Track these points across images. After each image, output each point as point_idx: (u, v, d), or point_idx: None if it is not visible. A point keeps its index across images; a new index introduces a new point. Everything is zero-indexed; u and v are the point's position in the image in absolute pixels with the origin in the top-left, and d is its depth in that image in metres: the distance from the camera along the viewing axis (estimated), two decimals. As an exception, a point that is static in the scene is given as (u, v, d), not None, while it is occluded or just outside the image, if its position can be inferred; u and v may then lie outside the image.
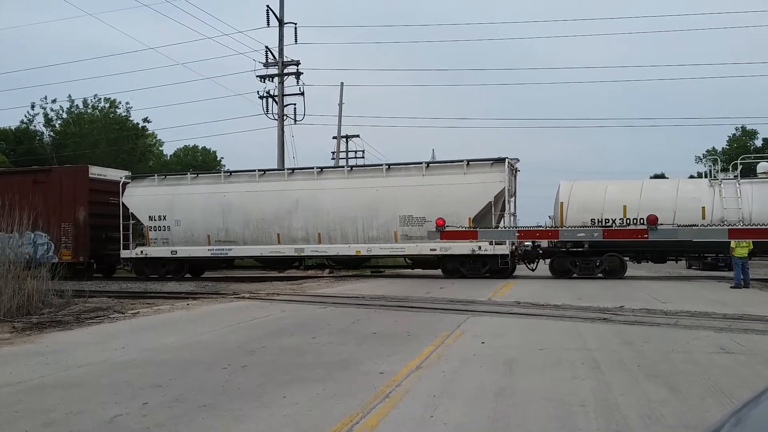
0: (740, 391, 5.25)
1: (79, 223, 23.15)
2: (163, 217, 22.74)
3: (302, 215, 21.31)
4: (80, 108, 46.42)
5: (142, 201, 23.10)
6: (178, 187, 23.13)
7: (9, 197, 23.75)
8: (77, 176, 23.74)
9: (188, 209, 22.45)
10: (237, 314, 11.39)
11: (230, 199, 22.02)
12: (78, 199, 23.29)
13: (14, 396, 5.55)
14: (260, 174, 22.34)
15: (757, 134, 52.04)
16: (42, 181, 23.62)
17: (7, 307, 11.16)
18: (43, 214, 22.96)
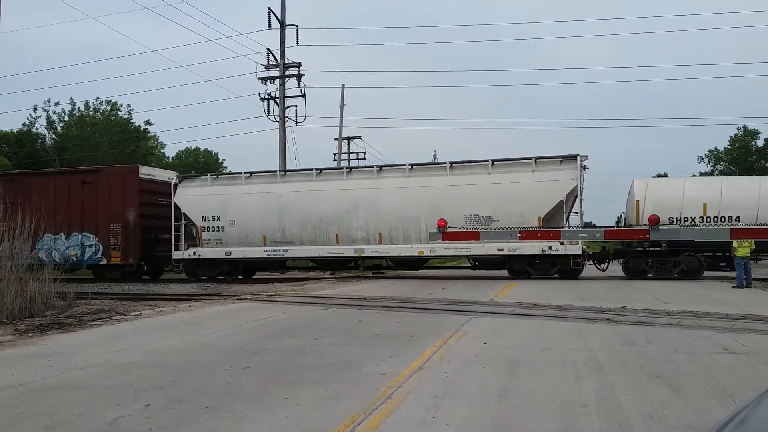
0: (743, 391, 5.24)
1: (129, 224, 22.71)
2: (216, 218, 22.23)
3: (362, 215, 20.77)
4: (82, 110, 46.54)
5: (195, 201, 22.58)
6: (231, 186, 22.59)
7: (56, 198, 23.59)
8: (127, 176, 23.38)
9: (243, 209, 21.92)
10: (239, 316, 11.40)
11: (287, 199, 21.53)
12: (128, 200, 22.85)
13: (17, 398, 5.56)
14: (317, 173, 21.87)
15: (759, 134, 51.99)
16: (90, 182, 23.32)
17: (10, 309, 11.17)
18: (91, 215, 22.98)
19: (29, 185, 23.90)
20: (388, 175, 21.21)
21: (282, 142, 30.51)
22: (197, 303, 14.18)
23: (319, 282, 20.17)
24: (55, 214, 23.15)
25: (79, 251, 23.19)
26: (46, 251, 23.25)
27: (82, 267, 23.87)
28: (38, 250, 23.27)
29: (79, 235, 23.27)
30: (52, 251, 23.30)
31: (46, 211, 23.31)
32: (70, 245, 23.30)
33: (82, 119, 46.10)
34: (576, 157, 19.36)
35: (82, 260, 23.27)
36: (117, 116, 46.70)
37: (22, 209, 23.66)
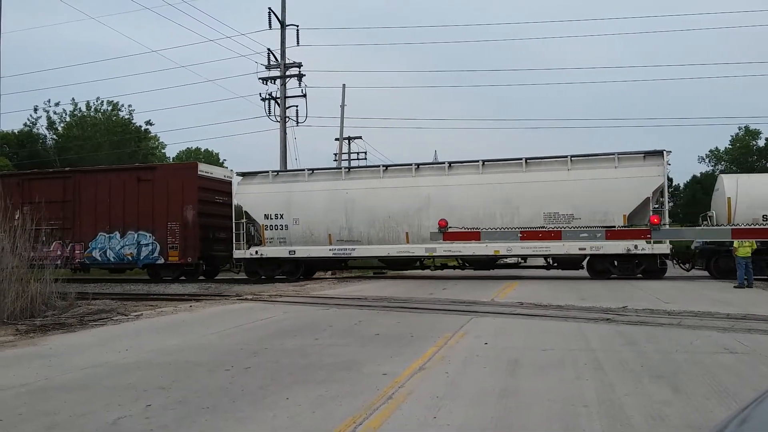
0: (744, 391, 5.24)
1: (187, 223, 22.20)
2: (280, 216, 21.76)
3: (433, 212, 19.98)
4: (83, 111, 46.57)
5: (257, 199, 22.14)
6: (294, 184, 22.04)
7: (110, 196, 23.20)
8: (185, 174, 23.00)
9: (308, 207, 21.49)
10: (240, 316, 11.40)
11: (353, 197, 21.03)
12: (186, 198, 22.32)
13: (18, 398, 5.57)
14: (384, 170, 21.40)
15: (760, 134, 51.98)
16: (147, 179, 22.88)
17: (11, 310, 11.18)
18: (147, 213, 22.50)
19: (82, 183, 23.58)
20: (459, 171, 20.57)
21: (283, 142, 30.51)
22: (198, 303, 14.19)
23: (320, 282, 20.18)
24: (109, 212, 22.99)
25: (134, 250, 22.77)
26: (100, 250, 23.05)
27: (137, 266, 23.55)
28: (91, 250, 23.11)
29: (135, 233, 22.80)
30: (107, 250, 23.08)
31: (100, 209, 23.14)
32: (125, 244, 22.93)
33: (83, 119, 46.15)
34: (662, 153, 18.78)
35: (137, 259, 22.85)
36: (118, 116, 46.75)
37: (74, 207, 23.32)
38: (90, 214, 23.28)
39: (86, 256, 23.28)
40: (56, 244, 23.29)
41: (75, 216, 23.42)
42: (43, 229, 23.60)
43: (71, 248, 23.35)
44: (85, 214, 23.35)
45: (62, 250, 23.18)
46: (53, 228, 23.09)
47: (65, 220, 23.36)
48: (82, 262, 23.60)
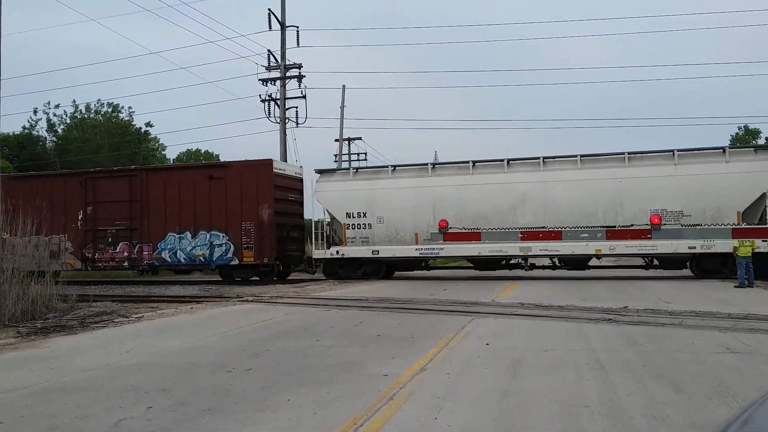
0: (746, 391, 5.23)
1: (263, 222, 21.29)
2: (363, 214, 20.90)
3: (529, 210, 19.43)
4: (83, 113, 46.57)
5: (338, 197, 21.35)
6: (377, 181, 21.21)
7: (180, 194, 22.38)
8: (260, 171, 21.77)
9: (392, 205, 20.62)
10: (241, 317, 11.40)
11: (442, 193, 20.21)
12: (261, 196, 21.37)
13: (19, 401, 5.56)
14: (473, 165, 20.45)
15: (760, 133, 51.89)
16: (219, 177, 21.93)
17: (12, 312, 11.18)
18: (220, 212, 21.72)
19: (150, 181, 22.86)
20: (557, 167, 19.83)
21: (283, 143, 30.50)
22: (199, 305, 14.19)
23: (320, 283, 20.17)
24: (179, 211, 22.19)
25: (207, 251, 21.89)
26: (170, 251, 22.37)
27: (210, 268, 22.82)
28: (161, 251, 22.35)
29: (207, 233, 21.94)
30: (177, 251, 22.36)
31: (169, 209, 22.32)
32: (197, 245, 22.09)
33: (83, 121, 46.12)
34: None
35: (210, 260, 22.06)
36: (118, 118, 46.72)
37: (141, 207, 22.69)
38: (158, 213, 22.45)
39: (155, 257, 22.55)
40: (123, 245, 22.86)
41: (142, 216, 22.69)
42: (109, 230, 23.06)
43: (139, 249, 22.72)
44: (153, 213, 22.54)
45: (129, 252, 22.77)
46: (119, 229, 22.81)
47: (132, 221, 22.75)
48: (151, 264, 22.95)
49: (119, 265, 23.48)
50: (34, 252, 23.49)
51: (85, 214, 23.25)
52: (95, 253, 23.20)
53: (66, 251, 23.46)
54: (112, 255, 23.07)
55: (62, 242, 23.47)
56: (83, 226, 23.30)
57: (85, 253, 23.30)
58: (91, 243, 23.22)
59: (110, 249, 23.06)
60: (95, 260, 23.29)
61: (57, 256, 23.48)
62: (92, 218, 23.22)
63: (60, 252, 23.47)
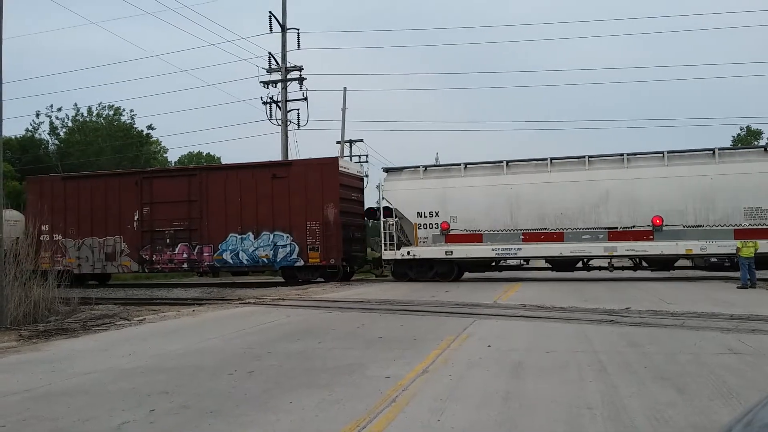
0: (748, 392, 5.22)
1: (328, 222, 20.80)
2: (435, 214, 20.31)
3: (613, 208, 18.83)
4: (85, 116, 46.66)
5: (408, 196, 20.66)
6: (449, 179, 20.52)
7: (241, 194, 21.86)
8: (325, 169, 21.28)
9: (466, 204, 19.97)
10: (242, 320, 11.40)
11: (519, 192, 19.64)
12: (327, 195, 20.89)
13: (22, 404, 5.57)
14: (550, 163, 19.82)
15: (761, 134, 51.81)
16: (282, 176, 21.44)
17: (14, 315, 11.19)
18: (283, 212, 21.23)
19: (210, 181, 22.38)
20: (641, 163, 19.19)
21: (284, 145, 30.53)
22: (201, 307, 14.20)
23: (322, 285, 20.16)
24: (240, 211, 21.69)
25: (270, 252, 21.36)
26: (231, 252, 21.88)
27: (274, 268, 22.39)
28: (221, 252, 21.87)
29: (270, 234, 21.42)
30: (239, 252, 21.86)
31: (231, 209, 21.79)
32: (259, 245, 21.58)
33: (85, 124, 46.21)
34: None
35: (274, 261, 21.57)
36: (120, 121, 46.80)
37: (201, 207, 22.21)
38: (219, 213, 21.98)
39: (216, 258, 22.08)
40: (182, 247, 22.42)
41: (202, 216, 22.22)
42: (167, 231, 22.51)
43: (199, 251, 22.26)
44: (214, 214, 22.06)
45: (189, 253, 22.33)
46: (177, 229, 22.38)
47: (191, 221, 22.31)
48: (212, 265, 22.48)
49: (178, 267, 22.93)
50: (89, 254, 23.51)
51: (142, 214, 22.80)
52: (153, 255, 22.71)
53: (122, 253, 23.07)
54: (171, 256, 22.53)
55: (118, 244, 23.10)
56: (140, 226, 22.83)
57: (142, 254, 22.81)
58: (149, 244, 22.75)
59: (168, 250, 22.53)
60: (153, 262, 22.79)
61: (113, 258, 23.14)
62: (149, 219, 22.75)
63: (115, 254, 23.11)
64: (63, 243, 23.64)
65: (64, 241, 23.64)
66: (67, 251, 23.62)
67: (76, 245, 23.66)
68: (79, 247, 23.60)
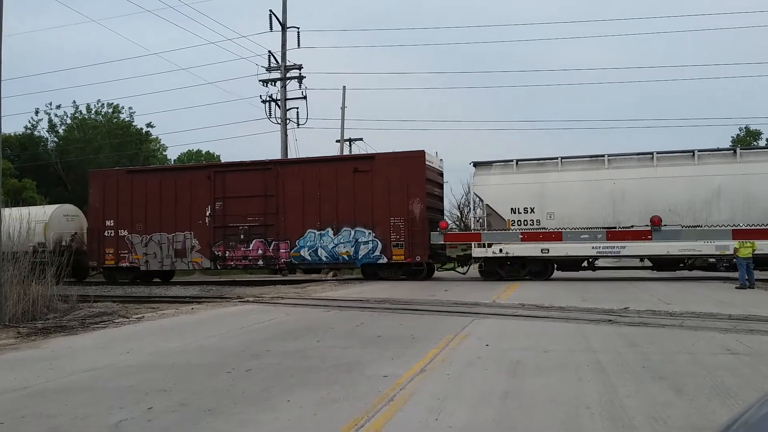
0: (746, 392, 5.23)
1: (414, 218, 20.15)
2: (530, 210, 19.64)
3: (725, 205, 18.10)
4: (84, 113, 46.63)
5: (501, 191, 19.99)
6: (545, 174, 19.82)
7: (321, 188, 21.23)
8: (410, 163, 20.54)
9: (564, 199, 19.33)
10: (241, 318, 11.40)
11: (623, 187, 18.94)
12: (412, 190, 20.25)
13: (20, 401, 5.57)
14: (656, 157, 19.05)
15: (761, 134, 51.84)
16: (364, 170, 20.76)
17: (12, 313, 11.18)
18: (365, 207, 20.59)
19: (286, 175, 21.84)
20: (757, 158, 18.47)
21: (284, 144, 30.56)
22: (199, 305, 14.19)
23: (321, 284, 20.16)
24: (319, 207, 21.19)
25: (351, 249, 20.77)
26: (310, 249, 21.36)
27: (355, 266, 21.84)
28: (299, 248, 21.31)
29: (351, 230, 20.82)
30: (318, 249, 21.31)
31: (309, 204, 21.16)
32: (339, 242, 21.01)
33: (84, 122, 46.19)
34: None
35: (355, 258, 20.98)
36: (119, 119, 46.77)
37: (277, 202, 21.61)
38: (296, 209, 21.42)
39: (293, 255, 21.51)
40: (257, 243, 21.91)
41: (278, 212, 21.65)
42: (241, 227, 21.82)
43: (275, 247, 21.72)
44: (291, 209, 21.50)
45: (264, 249, 21.82)
46: (252, 225, 21.81)
47: (267, 217, 21.71)
48: (288, 262, 21.94)
49: (253, 263, 22.39)
50: (157, 250, 22.78)
51: (214, 209, 22.24)
52: (226, 252, 22.13)
53: (192, 249, 22.47)
54: (245, 253, 21.93)
55: (188, 240, 22.50)
56: (212, 222, 22.24)
57: (215, 251, 22.22)
58: (221, 240, 22.16)
59: (242, 247, 21.94)
60: (225, 258, 22.21)
61: (182, 255, 22.58)
62: (221, 214, 22.15)
63: (186, 250, 22.52)
64: (129, 239, 23.00)
65: (131, 237, 22.98)
66: (133, 247, 22.98)
67: (143, 241, 22.93)
68: (147, 243, 22.88)
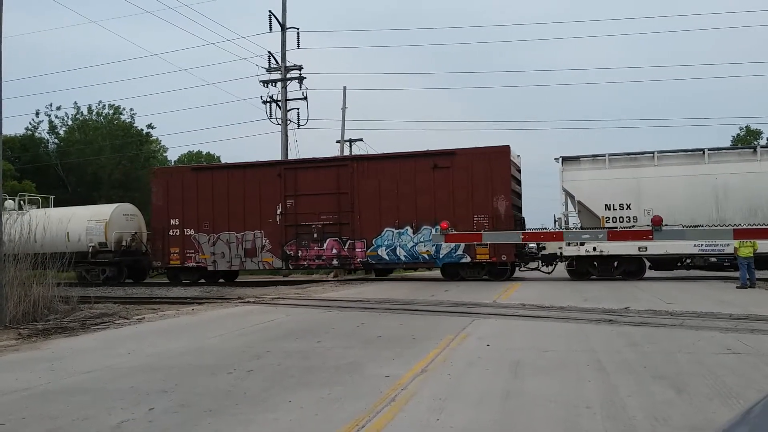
0: (747, 391, 5.23)
1: (499, 216, 19.65)
2: (626, 206, 19.03)
3: None
4: (84, 115, 46.67)
5: (594, 187, 19.37)
6: (640, 169, 19.19)
7: (399, 185, 20.51)
8: (494, 158, 19.94)
9: (662, 196, 18.69)
10: (242, 319, 11.40)
11: (726, 183, 18.34)
12: (497, 186, 19.73)
13: (21, 402, 5.57)
14: (760, 151, 18.47)
15: (761, 134, 51.81)
16: (445, 166, 20.19)
17: (13, 314, 11.19)
18: (446, 204, 20.10)
19: (362, 172, 21.24)
20: None
21: (284, 144, 30.56)
22: (200, 306, 14.20)
23: (321, 285, 20.15)
24: (398, 204, 20.55)
25: (432, 248, 20.20)
26: (387, 248, 20.72)
27: (436, 265, 21.18)
28: (376, 247, 20.68)
29: (432, 228, 20.14)
30: (396, 248, 20.65)
31: (386, 202, 20.58)
32: (419, 241, 20.41)
33: (85, 123, 46.22)
34: None
35: (436, 258, 20.41)
36: (119, 120, 46.80)
37: (352, 200, 20.98)
38: (372, 206, 20.76)
39: (369, 254, 20.87)
40: (331, 242, 21.36)
41: (354, 209, 21.01)
42: (314, 225, 21.16)
43: (350, 246, 21.11)
44: (366, 207, 20.84)
45: (339, 249, 21.28)
46: (326, 224, 21.27)
47: (341, 215, 21.12)
48: (365, 262, 21.30)
49: (327, 263, 21.82)
50: (225, 250, 22.16)
51: (285, 207, 21.67)
52: (298, 251, 21.58)
53: (263, 249, 21.92)
54: (319, 252, 21.37)
55: (258, 239, 21.95)
56: (282, 220, 21.66)
57: (286, 250, 21.68)
58: (293, 239, 21.61)
59: (316, 246, 21.37)
60: (298, 258, 21.65)
61: (252, 254, 22.00)
62: (293, 212, 21.60)
63: (256, 249, 21.96)
64: (196, 238, 22.52)
65: (197, 236, 22.50)
66: (200, 247, 22.50)
67: (210, 240, 22.41)
68: (214, 243, 22.34)
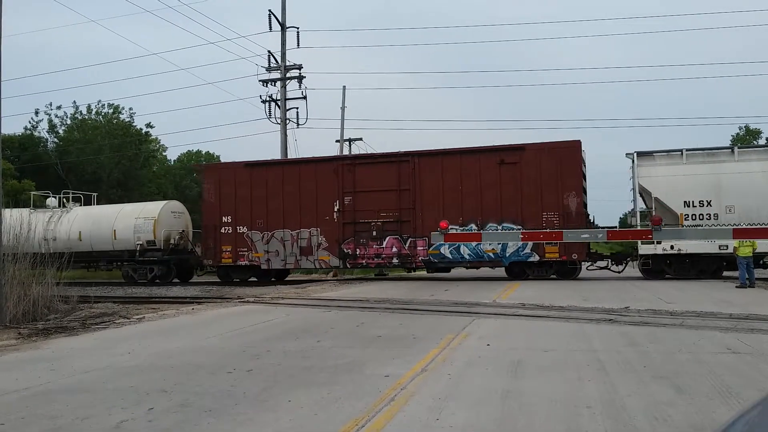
0: (747, 391, 5.23)
1: (570, 213, 19.22)
2: (707, 203, 18.71)
3: None
4: (84, 114, 46.66)
5: (671, 183, 19.00)
6: (720, 164, 18.83)
7: (462, 182, 20.03)
8: (564, 153, 19.48)
9: (745, 192, 18.37)
10: (241, 318, 11.40)
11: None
12: (567, 183, 19.29)
13: (20, 402, 5.56)
14: None
15: (761, 133, 51.84)
16: (512, 162, 19.74)
17: (13, 314, 11.18)
18: (513, 201, 19.67)
19: (424, 168, 20.70)
20: None
21: (283, 144, 30.58)
22: (200, 306, 14.19)
23: (321, 284, 20.15)
24: (461, 201, 20.20)
25: (498, 246, 19.76)
26: (451, 247, 20.22)
27: (502, 264, 20.78)
28: (439, 246, 19.96)
29: (498, 226, 19.73)
30: (460, 246, 20.28)
31: (449, 199, 20.20)
32: None
33: (84, 123, 46.22)
34: None
35: (502, 256, 20.03)
36: (119, 119, 46.80)
37: (413, 197, 20.50)
38: (435, 204, 20.35)
39: (431, 253, 20.46)
40: (391, 240, 20.94)
41: (415, 207, 20.63)
42: (373, 223, 20.72)
43: (411, 244, 20.71)
44: (428, 204, 20.43)
45: (399, 247, 20.87)
46: (386, 221, 20.87)
47: (402, 212, 20.75)
48: (427, 260, 20.89)
49: (387, 262, 21.33)
50: (279, 248, 21.80)
51: (342, 204, 21.29)
52: (356, 249, 21.21)
53: (319, 247, 21.55)
54: (378, 251, 20.99)
55: (314, 237, 21.59)
56: (340, 218, 21.30)
57: (344, 248, 21.30)
58: (351, 237, 21.24)
59: (375, 244, 20.96)
60: (356, 257, 21.30)
61: (308, 253, 21.63)
62: (351, 209, 21.19)
63: (312, 248, 21.58)
64: (249, 236, 22.23)
65: (250, 234, 22.21)
66: (253, 245, 22.21)
67: (264, 238, 22.10)
68: (268, 241, 22.04)
